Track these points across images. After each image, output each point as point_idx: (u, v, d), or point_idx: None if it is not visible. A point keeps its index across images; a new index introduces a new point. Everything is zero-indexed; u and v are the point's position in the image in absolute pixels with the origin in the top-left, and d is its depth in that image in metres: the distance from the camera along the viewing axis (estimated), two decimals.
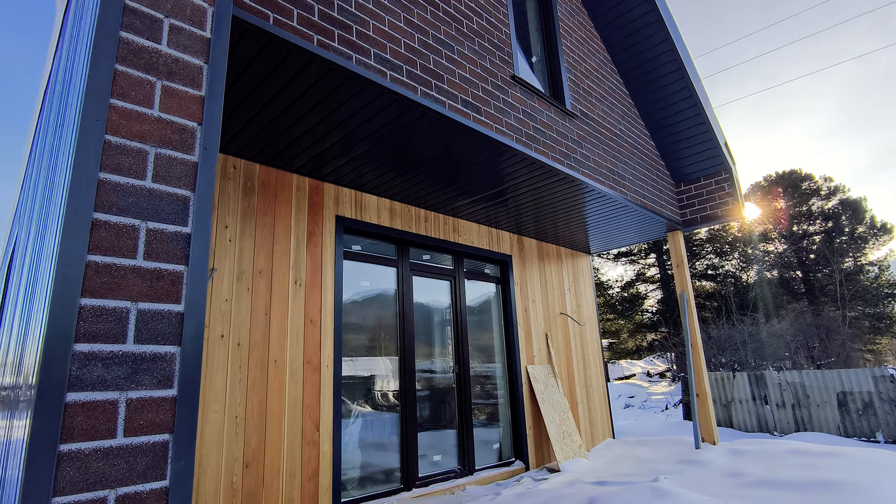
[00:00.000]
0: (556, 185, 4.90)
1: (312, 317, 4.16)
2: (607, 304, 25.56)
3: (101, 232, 1.24)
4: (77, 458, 1.10)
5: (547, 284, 6.75)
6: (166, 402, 1.25)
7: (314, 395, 4.01)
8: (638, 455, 6.00)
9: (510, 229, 6.30)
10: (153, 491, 1.19)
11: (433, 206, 5.33)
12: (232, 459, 3.47)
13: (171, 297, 1.31)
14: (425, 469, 4.84)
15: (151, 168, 1.36)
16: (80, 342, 1.16)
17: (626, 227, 6.44)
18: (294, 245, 4.18)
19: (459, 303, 5.61)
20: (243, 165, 4.02)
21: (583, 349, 7.05)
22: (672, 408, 14.44)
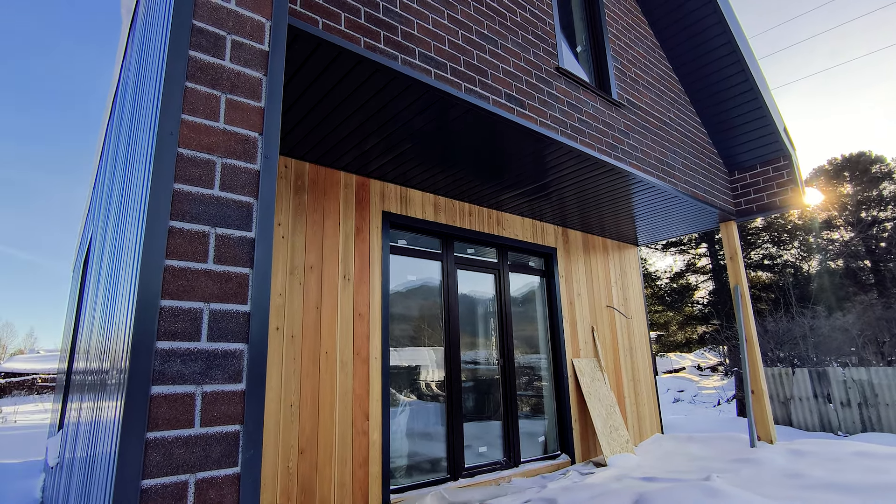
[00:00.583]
0: (601, 176, 4.82)
1: (361, 310, 4.29)
2: (655, 296, 24.83)
3: (176, 239, 1.35)
4: (162, 444, 1.22)
5: (593, 277, 6.65)
6: (236, 396, 1.35)
7: (363, 386, 4.15)
8: (688, 452, 5.86)
9: (555, 222, 6.24)
10: (227, 477, 1.29)
11: (477, 200, 5.35)
12: (288, 446, 3.66)
13: (238, 298, 1.41)
14: (471, 460, 4.91)
15: (219, 177, 1.46)
16: (162, 340, 1.27)
17: (675, 218, 6.25)
18: (343, 240, 4.32)
19: (504, 296, 5.62)
20: (294, 164, 4.17)
21: (630, 342, 6.92)
22: (725, 403, 13.94)
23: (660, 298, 24.64)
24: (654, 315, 24.80)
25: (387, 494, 4.08)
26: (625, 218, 6.19)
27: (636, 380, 6.82)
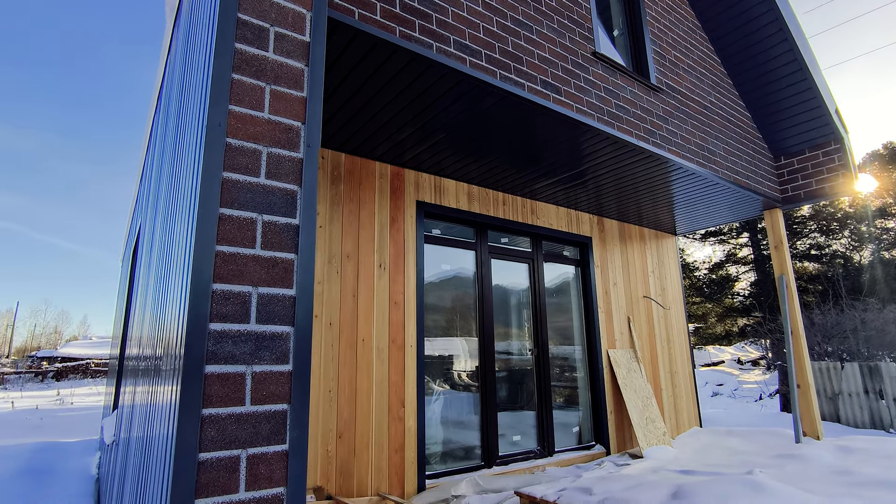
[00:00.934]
0: (639, 163, 4.70)
1: (396, 298, 4.35)
2: (693, 287, 24.14)
3: (226, 225, 1.40)
4: (216, 420, 1.28)
5: (629, 266, 6.53)
6: (283, 377, 1.40)
7: (399, 373, 4.21)
8: (728, 446, 5.72)
9: (590, 210, 6.14)
10: (276, 453, 1.35)
11: (511, 188, 5.31)
12: (327, 430, 3.76)
13: (284, 283, 1.46)
14: (505, 448, 4.94)
15: (264, 166, 1.50)
16: (214, 322, 1.33)
17: (716, 206, 6.05)
18: (378, 230, 4.37)
19: (538, 285, 5.59)
20: (330, 155, 4.24)
21: (667, 333, 6.77)
22: (767, 398, 13.50)
23: (698, 290, 23.95)
24: (691, 307, 24.14)
25: (422, 479, 4.15)
26: (663, 206, 6.04)
27: (673, 372, 6.68)
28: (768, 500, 2.78)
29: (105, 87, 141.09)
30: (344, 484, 3.77)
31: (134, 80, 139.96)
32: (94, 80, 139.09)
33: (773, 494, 2.85)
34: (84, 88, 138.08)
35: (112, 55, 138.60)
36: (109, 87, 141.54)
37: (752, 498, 2.82)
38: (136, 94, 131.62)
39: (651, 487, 3.24)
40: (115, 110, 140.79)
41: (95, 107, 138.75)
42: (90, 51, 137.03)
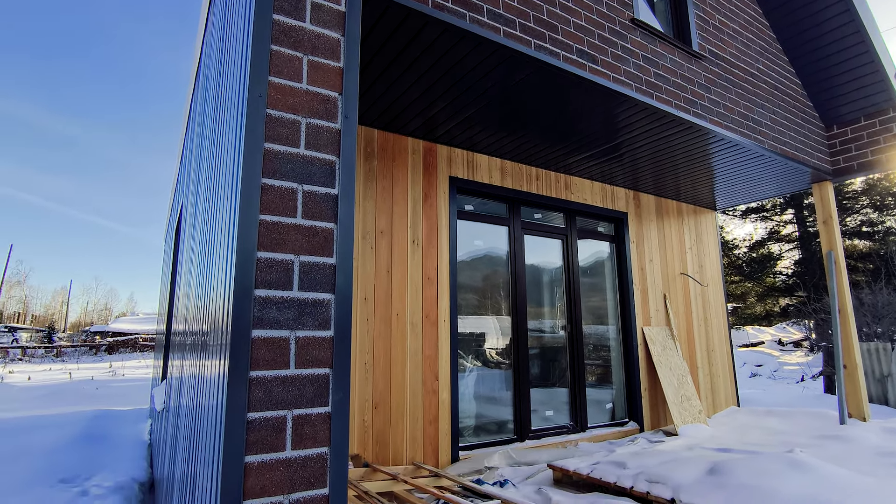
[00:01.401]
0: (678, 135, 4.54)
1: (429, 274, 4.38)
2: (732, 266, 23.38)
3: (268, 195, 1.43)
4: (262, 383, 1.33)
5: (666, 242, 6.37)
6: (325, 342, 1.44)
7: (433, 347, 4.27)
8: (767, 426, 5.59)
9: (626, 185, 5.99)
10: (319, 415, 1.40)
11: (544, 163, 5.23)
12: (363, 401, 3.87)
13: (325, 251, 1.49)
14: (537, 423, 4.97)
15: (304, 137, 1.52)
16: (259, 289, 1.37)
17: (760, 179, 5.80)
18: (411, 206, 4.39)
19: (571, 261, 5.53)
20: (363, 131, 4.26)
21: (704, 311, 6.61)
22: (810, 380, 13.08)
23: (737, 268, 23.19)
24: (730, 286, 23.43)
25: (456, 451, 4.24)
26: (703, 180, 5.83)
27: (710, 350, 6.54)
28: (809, 476, 2.72)
29: (141, 68, 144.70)
30: (380, 453, 3.88)
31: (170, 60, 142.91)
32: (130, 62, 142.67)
33: (814, 472, 2.78)
34: (122, 70, 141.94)
35: (148, 34, 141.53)
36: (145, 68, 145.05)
37: (791, 474, 2.76)
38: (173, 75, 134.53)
39: (686, 463, 3.21)
40: (153, 91, 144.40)
41: (133, 88, 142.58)
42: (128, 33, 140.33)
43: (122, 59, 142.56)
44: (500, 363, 4.95)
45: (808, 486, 2.64)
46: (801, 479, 2.72)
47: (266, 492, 1.29)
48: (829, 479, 2.72)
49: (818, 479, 2.72)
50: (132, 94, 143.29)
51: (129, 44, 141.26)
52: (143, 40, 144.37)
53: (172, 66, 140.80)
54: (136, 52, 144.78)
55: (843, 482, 2.70)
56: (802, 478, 2.74)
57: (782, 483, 2.68)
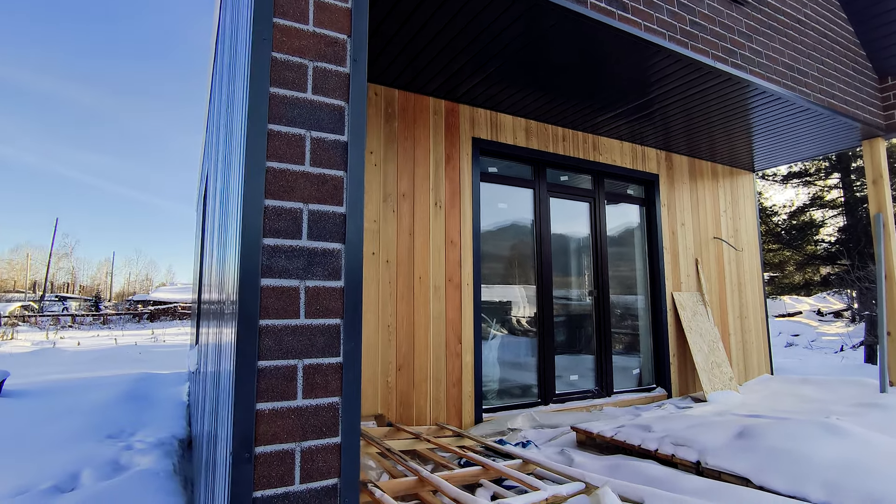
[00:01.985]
0: (715, 88, 4.28)
1: (452, 237, 4.33)
2: (770, 233, 22.49)
3: (275, 141, 1.39)
4: (272, 331, 1.32)
5: (699, 205, 6.12)
6: (336, 292, 1.42)
7: (456, 310, 4.26)
8: (801, 394, 5.43)
9: (657, 146, 5.74)
10: (330, 365, 1.38)
11: (571, 123, 5.04)
12: (386, 362, 3.90)
13: (334, 200, 1.45)
14: (562, 388, 4.95)
15: (311, 81, 1.46)
16: (267, 237, 1.35)
17: (805, 136, 5.46)
18: (433, 168, 4.31)
19: (599, 225, 5.38)
20: (384, 92, 4.16)
21: (738, 277, 6.38)
22: (850, 350, 12.64)
23: (775, 236, 22.29)
24: (767, 254, 22.64)
25: (479, 412, 4.26)
26: (741, 138, 5.53)
27: (743, 316, 6.33)
28: (846, 442, 2.62)
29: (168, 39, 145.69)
30: (404, 413, 3.94)
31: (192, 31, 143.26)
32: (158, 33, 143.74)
33: (852, 437, 2.67)
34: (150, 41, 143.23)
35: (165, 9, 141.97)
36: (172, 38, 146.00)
37: (826, 439, 2.66)
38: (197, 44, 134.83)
39: (714, 427, 3.14)
40: (180, 62, 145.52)
41: (161, 59, 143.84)
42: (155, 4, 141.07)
43: (160, 30, 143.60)
44: (526, 328, 4.91)
45: (846, 451, 2.54)
46: (838, 444, 2.61)
47: (278, 438, 1.29)
48: (870, 444, 2.61)
49: (857, 444, 2.61)
50: (172, 67, 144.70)
51: (164, 13, 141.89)
52: (175, 8, 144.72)
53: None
54: (172, 22, 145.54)
55: (886, 448, 2.58)
56: (840, 443, 2.63)
57: (817, 447, 2.58)
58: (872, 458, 2.43)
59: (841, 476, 2.30)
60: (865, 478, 2.27)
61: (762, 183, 23.05)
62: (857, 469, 2.34)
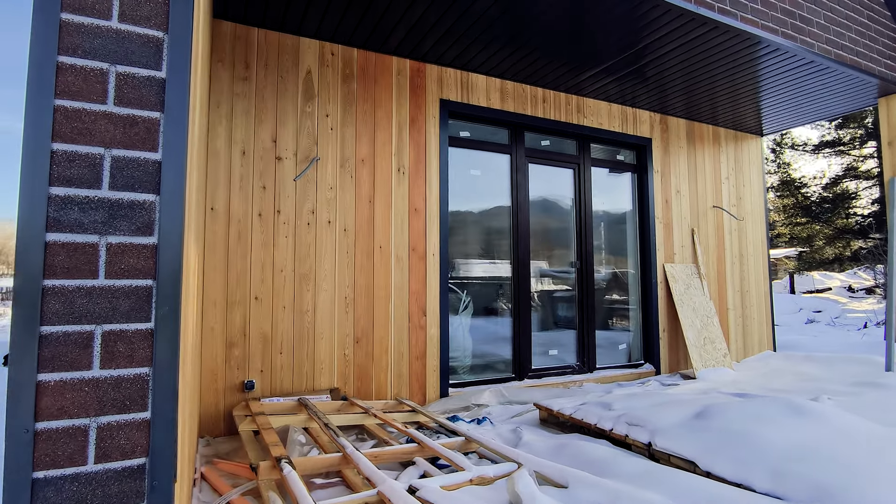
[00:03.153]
0: (700, 39, 3.89)
1: (417, 205, 4.12)
2: (798, 206, 21.53)
3: (67, 76, 1.20)
4: (61, 292, 1.16)
5: (697, 172, 5.73)
6: (146, 250, 1.24)
7: (420, 282, 4.08)
8: (801, 371, 5.11)
9: (651, 107, 5.35)
10: (138, 331, 1.22)
11: (552, 83, 4.70)
12: (343, 335, 3.77)
13: (146, 145, 1.26)
14: (541, 363, 4.75)
15: (117, 6, 1.26)
16: (55, 185, 1.17)
17: (812, 94, 4.99)
18: (396, 132, 4.08)
19: (583, 192, 5.07)
20: (341, 51, 3.92)
21: (740, 248, 6.00)
22: (874, 326, 12.03)
23: (804, 209, 21.32)
24: (794, 228, 21.68)
25: (445, 387, 4.11)
26: (746, 99, 5.10)
27: (744, 290, 5.98)
28: (808, 424, 2.36)
29: None
30: (362, 387, 3.81)
31: None
32: None
33: (820, 419, 2.41)
34: None
35: None
36: None
37: (789, 420, 2.41)
38: None
39: (677, 405, 2.91)
40: None
41: None
42: None
43: None
44: (500, 300, 4.70)
45: (808, 434, 2.29)
46: (802, 427, 2.36)
47: (66, 413, 1.14)
48: (836, 427, 2.35)
49: (821, 426, 2.36)
50: None
51: None
52: None
53: None
54: None
55: (852, 431, 2.32)
56: (803, 425, 2.38)
57: (775, 429, 2.34)
58: (835, 444, 2.18)
59: (792, 462, 2.06)
60: (819, 465, 2.02)
61: (791, 153, 21.94)
62: (812, 455, 2.10)
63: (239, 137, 3.53)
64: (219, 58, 3.51)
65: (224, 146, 3.48)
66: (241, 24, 3.60)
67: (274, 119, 3.65)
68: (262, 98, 3.63)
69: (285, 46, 3.74)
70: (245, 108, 3.57)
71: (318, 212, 3.74)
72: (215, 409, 3.36)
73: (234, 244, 3.47)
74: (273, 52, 3.69)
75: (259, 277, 3.53)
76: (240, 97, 3.56)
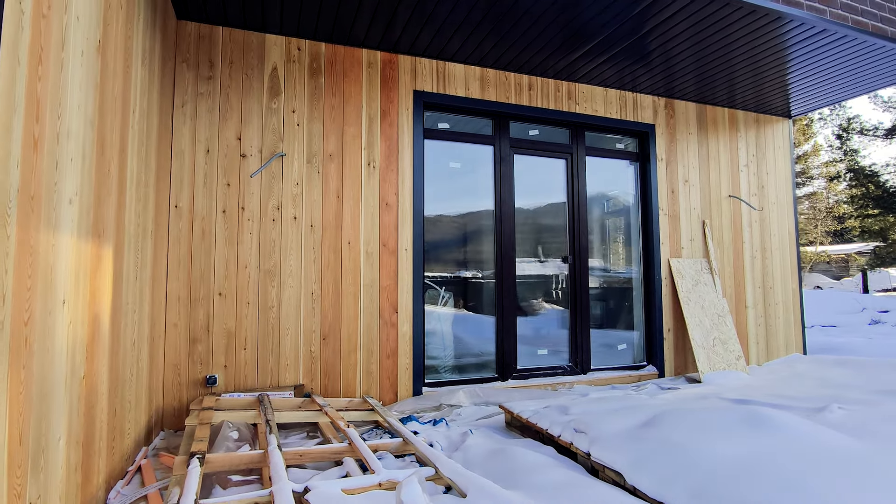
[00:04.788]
0: (714, 17, 3.56)
1: (388, 200, 4.03)
2: (870, 196, 19.70)
3: None
4: None
5: (710, 159, 5.29)
6: None
7: (391, 278, 3.99)
8: (825, 376, 4.60)
9: (655, 91, 4.99)
10: None
11: (539, 69, 4.48)
12: (310, 331, 3.74)
13: None
14: (529, 363, 4.54)
15: None
16: None
17: (853, 68, 4.47)
18: (366, 126, 4.01)
19: (576, 183, 4.80)
20: (308, 46, 3.89)
21: (762, 242, 5.49)
22: None
23: (876, 199, 19.47)
24: (865, 220, 19.84)
25: (419, 386, 4.00)
26: (770, 78, 4.64)
27: (766, 287, 5.46)
28: (763, 437, 2.07)
29: None
30: (330, 384, 3.77)
31: None
32: None
33: (776, 432, 2.11)
34: None
35: None
36: None
37: (741, 432, 2.13)
38: None
39: (633, 412, 2.66)
40: None
41: None
42: None
43: None
44: (488, 294, 4.53)
45: (753, 447, 2.01)
46: (751, 439, 2.08)
47: None
48: (793, 442, 2.05)
49: (775, 440, 2.06)
50: None
51: None
52: None
53: None
54: None
55: (814, 446, 2.02)
56: (754, 437, 2.10)
57: (719, 442, 2.07)
58: (783, 460, 1.90)
59: (719, 481, 1.81)
60: (750, 484, 1.76)
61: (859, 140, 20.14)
62: (746, 473, 1.83)
63: (203, 136, 3.58)
64: (183, 58, 3.57)
65: (188, 145, 3.54)
66: (206, 24, 3.65)
67: (239, 117, 3.68)
68: (226, 97, 3.66)
69: (250, 44, 3.75)
70: (209, 107, 3.61)
71: (284, 208, 3.73)
72: (179, 403, 3.42)
73: (198, 241, 3.52)
74: (238, 51, 3.71)
75: (223, 274, 3.56)
76: (204, 96, 3.60)
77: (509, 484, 2.14)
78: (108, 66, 2.19)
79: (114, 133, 2.28)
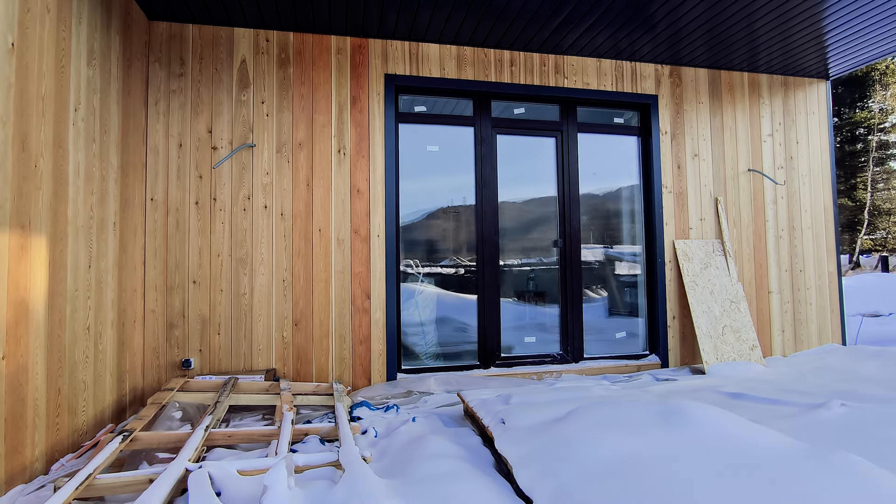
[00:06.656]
0: None
1: (359, 186, 4.02)
2: None
3: None
4: None
5: (724, 131, 4.80)
6: None
7: (363, 264, 3.99)
8: (854, 369, 4.08)
9: (658, 59, 4.59)
10: None
11: (520, 43, 4.25)
12: (281, 318, 3.84)
13: None
14: (515, 351, 4.40)
15: None
16: None
17: (886, 9, 3.88)
18: (336, 113, 4.01)
19: (567, 162, 4.54)
20: (276, 37, 3.94)
21: (790, 220, 4.92)
22: None
23: None
24: None
25: (392, 372, 4.00)
26: (802, 32, 4.12)
27: (795, 270, 4.90)
28: (667, 434, 1.85)
29: None
30: (302, 369, 3.86)
31: None
32: None
33: (688, 428, 1.88)
34: None
35: None
36: None
37: (646, 428, 1.92)
38: None
39: (565, 404, 2.50)
40: None
41: None
42: None
43: None
44: (466, 282, 4.43)
45: (657, 446, 1.81)
46: (657, 437, 1.88)
47: None
48: (705, 441, 1.83)
49: (686, 438, 1.85)
50: None
51: None
52: None
53: None
54: None
55: (727, 448, 1.79)
56: (661, 435, 1.89)
57: (620, 439, 1.88)
58: (675, 463, 1.70)
59: (588, 481, 1.64)
60: (619, 487, 1.59)
61: None
62: (624, 474, 1.65)
63: (175, 132, 3.74)
64: (156, 58, 3.74)
65: (162, 141, 3.71)
66: (177, 23, 3.79)
67: (210, 110, 3.80)
68: (197, 91, 3.79)
69: (219, 39, 3.86)
70: (181, 103, 3.76)
71: (254, 197, 3.83)
72: (158, 384, 3.64)
73: (173, 232, 3.70)
74: (208, 46, 3.83)
75: (197, 262, 3.73)
76: (176, 93, 3.76)
77: (404, 472, 2.08)
78: (27, 67, 2.32)
79: (42, 130, 2.43)
